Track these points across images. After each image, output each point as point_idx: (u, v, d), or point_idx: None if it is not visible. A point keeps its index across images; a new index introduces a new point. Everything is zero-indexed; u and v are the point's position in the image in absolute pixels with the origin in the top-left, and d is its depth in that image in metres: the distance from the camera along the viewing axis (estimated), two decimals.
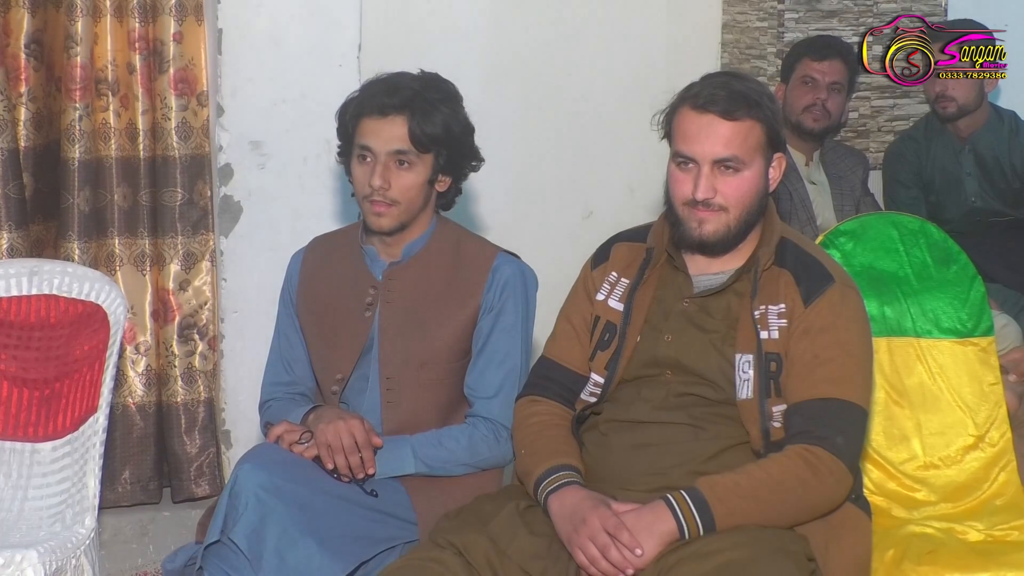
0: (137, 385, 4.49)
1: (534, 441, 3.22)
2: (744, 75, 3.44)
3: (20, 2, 4.24)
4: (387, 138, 3.38)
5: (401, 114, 3.37)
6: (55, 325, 3.63)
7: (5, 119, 4.22)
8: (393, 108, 3.38)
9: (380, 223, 3.43)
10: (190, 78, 4.43)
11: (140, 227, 4.45)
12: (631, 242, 3.33)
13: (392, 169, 3.39)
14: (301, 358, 3.60)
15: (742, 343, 3.12)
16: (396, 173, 3.39)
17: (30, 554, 3.29)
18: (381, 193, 3.39)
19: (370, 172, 3.39)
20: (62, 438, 3.64)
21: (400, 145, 3.38)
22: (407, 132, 3.37)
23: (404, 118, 3.37)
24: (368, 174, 3.39)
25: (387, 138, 3.38)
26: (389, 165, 3.39)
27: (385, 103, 3.38)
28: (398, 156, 3.39)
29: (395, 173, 3.39)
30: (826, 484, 3.01)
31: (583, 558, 2.92)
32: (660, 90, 3.33)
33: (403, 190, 3.40)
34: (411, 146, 3.38)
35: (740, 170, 3.11)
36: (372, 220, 3.43)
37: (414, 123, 3.37)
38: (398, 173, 3.40)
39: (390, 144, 3.38)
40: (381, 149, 3.39)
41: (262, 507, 3.14)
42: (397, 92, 3.39)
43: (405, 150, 3.39)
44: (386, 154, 3.39)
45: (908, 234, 3.98)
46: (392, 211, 3.42)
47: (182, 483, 4.51)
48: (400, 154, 3.39)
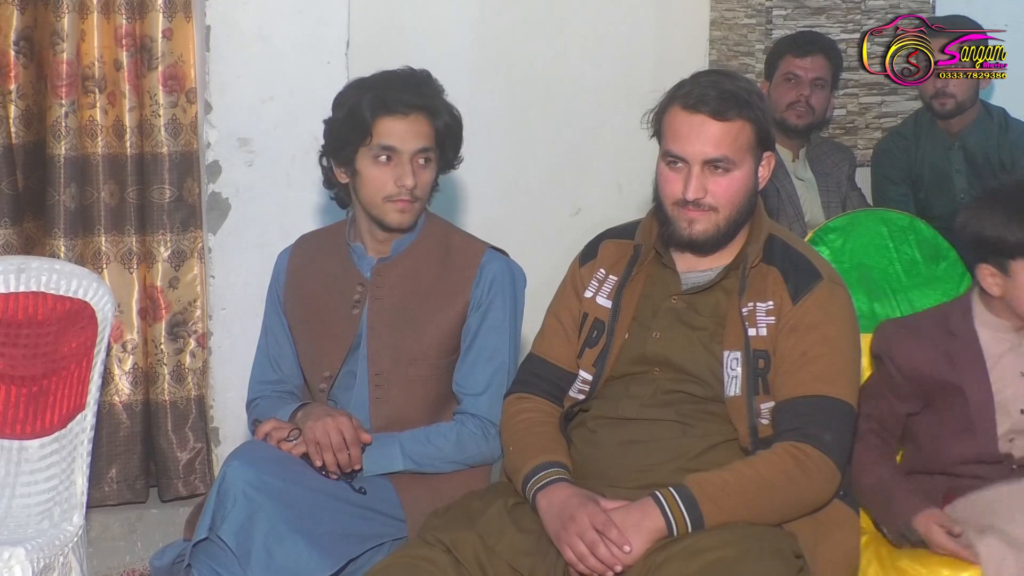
0: (124, 383, 4.49)
1: (522, 438, 3.23)
2: (734, 74, 3.46)
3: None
4: (413, 136, 3.42)
5: (422, 113, 3.42)
6: (43, 322, 3.63)
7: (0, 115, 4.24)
8: (416, 107, 3.42)
9: (403, 220, 3.46)
10: (179, 75, 4.44)
11: (127, 224, 4.45)
12: (619, 239, 3.35)
13: (419, 167, 3.43)
14: (288, 356, 3.62)
15: (730, 340, 3.13)
16: (420, 171, 3.44)
17: (18, 551, 3.30)
18: (408, 191, 3.42)
19: (397, 172, 3.41)
20: (50, 435, 3.64)
21: (425, 143, 3.43)
22: (431, 130, 3.42)
23: (425, 116, 3.42)
24: (394, 174, 3.41)
25: (413, 136, 3.42)
26: (417, 163, 3.43)
27: (409, 102, 3.42)
28: (423, 154, 3.43)
29: (419, 171, 3.43)
30: (814, 481, 3.03)
31: (571, 555, 2.93)
32: (648, 87, 3.34)
33: (424, 187, 3.46)
34: (433, 143, 3.44)
35: (730, 170, 3.12)
36: (395, 218, 3.45)
37: (435, 121, 3.43)
38: (421, 171, 3.44)
39: (417, 143, 3.42)
40: (407, 148, 3.41)
41: (250, 504, 3.15)
42: (418, 91, 3.44)
43: (429, 148, 3.43)
44: (411, 153, 3.42)
45: (898, 230, 4.00)
46: (414, 208, 3.46)
47: (170, 481, 4.52)
48: (424, 152, 3.43)
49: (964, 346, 3.35)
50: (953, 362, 3.34)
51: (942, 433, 3.35)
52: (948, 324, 3.38)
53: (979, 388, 3.33)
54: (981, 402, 3.32)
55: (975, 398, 3.32)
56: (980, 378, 3.33)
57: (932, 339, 3.37)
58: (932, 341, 3.36)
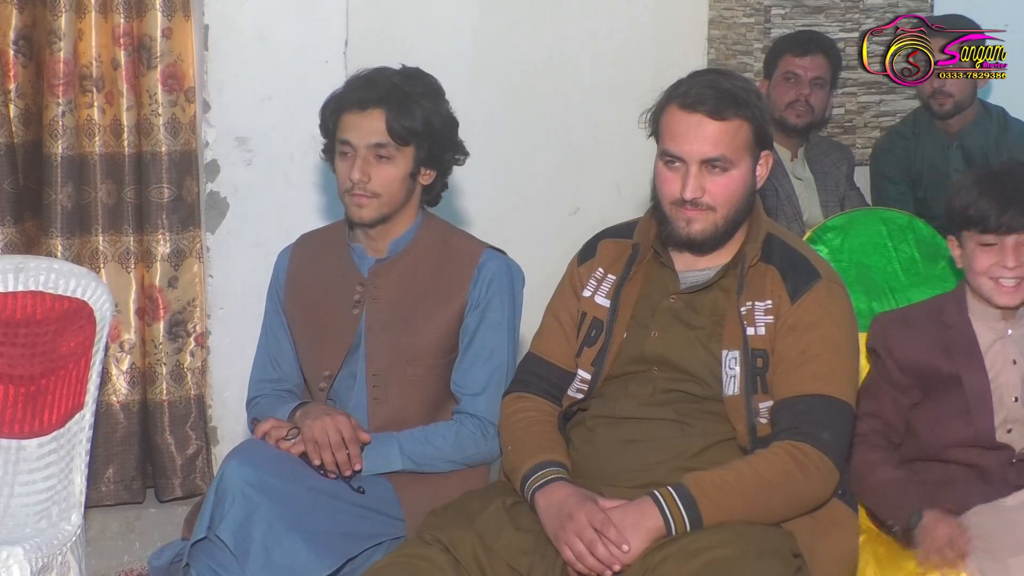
0: (121, 383, 4.49)
1: (521, 437, 3.24)
2: (732, 73, 3.47)
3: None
4: (366, 132, 3.42)
5: (379, 107, 3.41)
6: (41, 321, 3.63)
7: (1, 115, 4.24)
8: (371, 102, 3.41)
9: (361, 215, 3.45)
10: (178, 74, 4.43)
11: (125, 224, 4.45)
12: (617, 238, 3.35)
13: (372, 162, 3.42)
14: (288, 355, 3.62)
15: (728, 339, 3.14)
16: (376, 166, 3.43)
17: (16, 551, 3.29)
18: (361, 186, 3.42)
19: (350, 166, 3.43)
20: (48, 435, 3.64)
21: (378, 138, 3.41)
22: (385, 125, 3.40)
23: (382, 111, 3.41)
24: (349, 168, 3.43)
25: (366, 132, 3.42)
26: (368, 158, 3.42)
27: (363, 97, 3.42)
28: (377, 150, 3.42)
29: (375, 166, 3.43)
30: (813, 480, 3.04)
31: (570, 554, 2.94)
32: (647, 86, 3.33)
33: (383, 183, 3.43)
34: (389, 139, 3.41)
35: (728, 169, 3.12)
36: (353, 212, 3.46)
37: (391, 116, 3.40)
38: (378, 166, 3.43)
39: (369, 137, 3.42)
40: (360, 143, 3.42)
41: (248, 503, 3.16)
42: (375, 86, 3.43)
43: (384, 143, 3.42)
44: (365, 147, 3.42)
45: (896, 229, 4.00)
46: (373, 203, 3.44)
47: (168, 481, 4.51)
48: (379, 147, 3.42)
49: (959, 335, 3.38)
50: (949, 351, 3.36)
51: (940, 420, 3.37)
52: (942, 315, 3.41)
53: (976, 375, 3.35)
54: (978, 388, 3.34)
55: (972, 385, 3.34)
56: (976, 366, 3.35)
57: (927, 330, 3.40)
58: (927, 331, 3.39)
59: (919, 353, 3.37)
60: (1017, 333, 3.39)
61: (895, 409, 3.39)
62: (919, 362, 3.37)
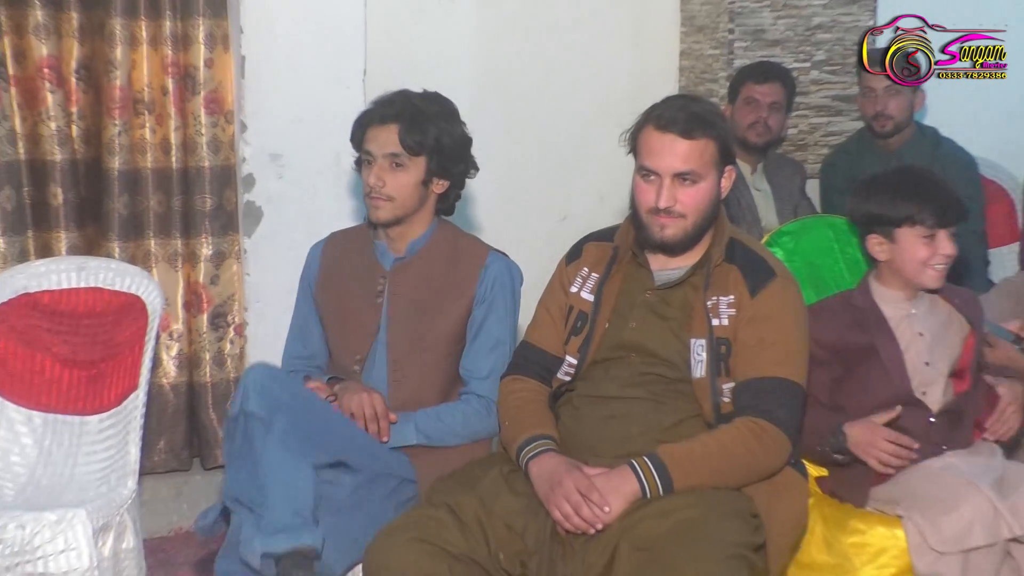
0: (170, 367, 4.48)
1: (516, 414, 3.25)
2: (700, 98, 3.48)
3: (71, 32, 4.24)
4: (383, 142, 3.45)
5: (395, 122, 3.44)
6: (100, 314, 3.65)
7: (65, 134, 4.24)
8: (390, 117, 3.45)
9: (377, 215, 3.48)
10: (219, 99, 4.42)
11: (173, 229, 4.43)
12: (600, 242, 3.36)
13: (388, 169, 3.45)
14: (315, 335, 3.63)
15: (696, 329, 3.15)
16: (391, 173, 3.45)
17: (80, 512, 3.33)
18: (378, 190, 3.45)
19: (370, 172, 3.47)
20: (107, 412, 3.67)
21: (393, 148, 3.45)
22: (398, 137, 3.43)
23: (397, 125, 3.44)
24: (369, 174, 3.47)
25: (383, 142, 3.45)
26: (385, 166, 3.45)
27: (383, 113, 3.47)
28: (392, 158, 3.45)
29: (390, 173, 3.45)
30: (769, 451, 3.05)
31: (559, 514, 2.96)
32: (626, 109, 3.35)
33: (397, 188, 3.46)
34: (402, 149, 3.44)
35: (697, 182, 3.13)
36: (371, 213, 3.49)
37: (404, 129, 3.43)
38: (393, 173, 3.46)
39: (385, 147, 3.45)
40: (378, 152, 3.46)
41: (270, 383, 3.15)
42: (393, 104, 3.47)
43: (397, 152, 3.45)
44: (382, 156, 3.45)
45: (842, 234, 4.00)
46: (387, 205, 3.47)
47: (211, 451, 4.50)
48: (394, 156, 3.45)
49: (869, 314, 3.47)
50: (861, 326, 3.45)
51: (864, 386, 3.43)
52: (851, 301, 3.52)
53: (888, 342, 3.43)
54: (892, 352, 3.42)
55: (886, 350, 3.42)
56: (887, 335, 3.44)
57: (839, 312, 3.49)
58: (840, 314, 3.49)
59: (837, 332, 3.45)
60: (919, 311, 3.49)
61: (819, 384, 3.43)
62: (838, 339, 3.44)
